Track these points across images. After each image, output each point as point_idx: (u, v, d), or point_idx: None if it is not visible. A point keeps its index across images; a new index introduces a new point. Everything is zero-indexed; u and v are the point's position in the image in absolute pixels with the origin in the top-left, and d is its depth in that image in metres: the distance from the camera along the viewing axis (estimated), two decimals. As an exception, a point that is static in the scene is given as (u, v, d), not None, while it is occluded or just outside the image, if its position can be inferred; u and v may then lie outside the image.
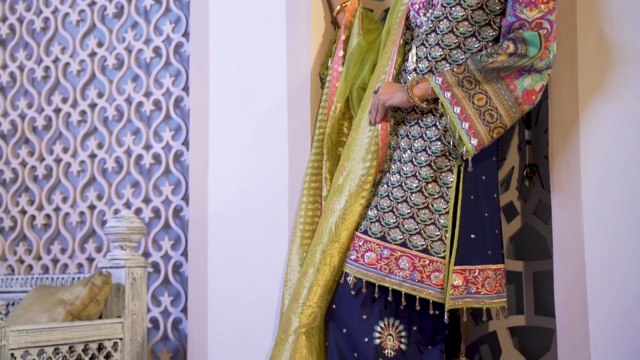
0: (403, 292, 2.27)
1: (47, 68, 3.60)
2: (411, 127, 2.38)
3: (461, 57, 2.33)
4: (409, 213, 2.30)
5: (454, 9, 2.33)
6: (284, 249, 2.71)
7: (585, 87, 2.32)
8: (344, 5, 2.73)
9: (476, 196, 2.32)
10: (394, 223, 2.31)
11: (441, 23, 2.35)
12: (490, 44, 2.32)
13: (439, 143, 2.31)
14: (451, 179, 2.30)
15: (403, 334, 2.34)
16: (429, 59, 2.37)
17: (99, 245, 3.42)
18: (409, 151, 2.35)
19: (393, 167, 2.37)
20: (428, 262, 2.27)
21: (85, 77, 3.49)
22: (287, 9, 2.84)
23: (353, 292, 2.34)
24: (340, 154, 2.61)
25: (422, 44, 2.39)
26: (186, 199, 3.19)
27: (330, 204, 2.44)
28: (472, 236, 2.29)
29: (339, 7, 2.74)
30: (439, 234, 2.29)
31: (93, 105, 3.48)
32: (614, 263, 2.25)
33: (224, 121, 2.97)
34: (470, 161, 2.26)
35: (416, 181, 2.31)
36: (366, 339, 2.31)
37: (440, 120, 2.32)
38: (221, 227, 2.92)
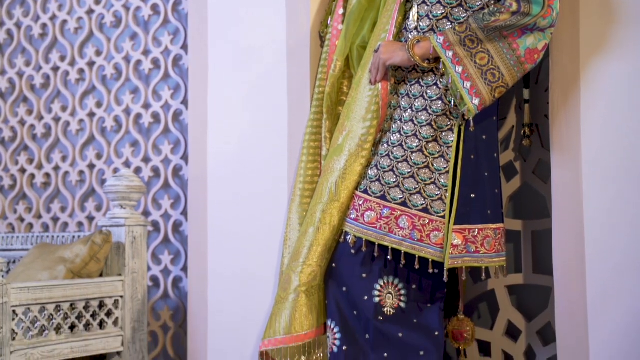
0: (403, 251, 2.29)
1: (44, 25, 3.57)
2: (412, 86, 2.37)
3: (463, 15, 2.31)
4: (409, 172, 2.30)
5: (455, -34, 2.30)
6: (283, 208, 2.72)
7: (586, 45, 2.31)
8: (344, -38, 2.69)
9: (476, 156, 2.32)
10: (394, 182, 2.31)
11: (443, -20, 2.32)
12: (492, 1, 2.30)
13: (440, 102, 2.31)
14: (452, 139, 2.30)
15: (402, 292, 2.36)
16: (430, 17, 2.35)
17: (98, 204, 3.42)
18: (409, 110, 2.35)
19: (393, 126, 2.37)
20: (428, 221, 2.28)
21: (83, 35, 3.47)
22: (286, -34, 2.81)
23: (353, 251, 2.35)
24: (340, 113, 2.60)
25: (424, 2, 2.36)
26: (185, 158, 3.19)
27: (330, 164, 2.44)
28: (472, 195, 2.29)
29: (339, -36, 2.71)
30: (439, 193, 2.29)
31: (91, 64, 3.45)
32: (612, 222, 2.26)
33: (223, 80, 2.95)
34: (472, 121, 2.26)
35: (417, 140, 2.31)
36: (366, 297, 2.33)
37: (441, 80, 2.31)
38: (221, 187, 2.92)
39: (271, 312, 2.40)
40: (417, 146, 2.31)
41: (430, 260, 2.28)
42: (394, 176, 2.31)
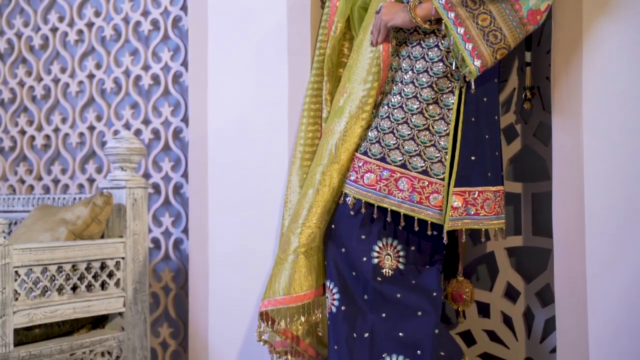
0: (402, 213, 2.29)
1: (42, -14, 3.55)
2: (413, 48, 2.35)
3: (465, -25, 2.28)
4: (409, 134, 2.30)
5: None
6: (283, 170, 2.73)
7: (590, 6, 2.29)
8: None
9: (477, 118, 2.31)
10: (394, 144, 2.31)
11: (445, -60, 2.30)
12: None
13: (441, 64, 2.30)
14: (452, 101, 2.29)
15: (401, 254, 2.37)
16: (432, -23, 2.32)
17: (99, 166, 3.43)
18: (410, 72, 2.34)
19: (394, 88, 2.36)
20: (427, 183, 2.28)
21: (81, -4, 3.45)
22: None
23: (352, 213, 2.35)
24: (341, 75, 2.59)
25: (425, -38, 2.34)
26: (186, 120, 3.19)
27: (331, 126, 2.43)
28: (472, 158, 2.29)
29: None
30: (438, 155, 2.29)
31: (90, 25, 3.43)
32: (612, 184, 2.26)
33: (223, 42, 2.94)
34: (473, 83, 2.25)
35: (417, 102, 2.30)
36: (364, 259, 2.34)
37: (442, 41, 2.29)
38: (221, 149, 2.92)
39: (271, 273, 2.41)
40: (417, 108, 2.30)
41: (429, 222, 2.28)
42: (394, 138, 2.31)
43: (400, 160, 2.30)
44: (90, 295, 2.66)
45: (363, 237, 2.35)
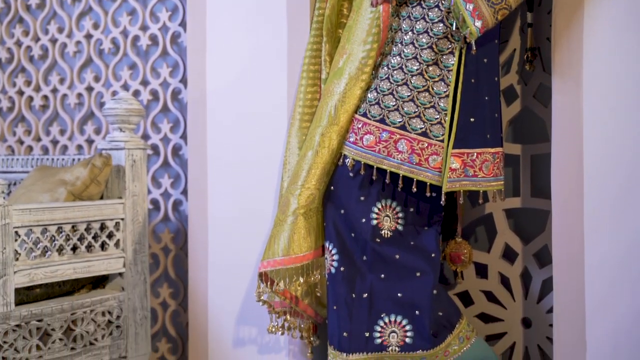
0: (401, 175, 2.30)
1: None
2: (413, 8, 2.33)
3: None
4: (408, 96, 2.29)
5: None
6: (283, 131, 2.72)
7: (592, -33, 2.27)
8: None
9: (477, 79, 2.30)
10: (393, 106, 2.30)
11: None
12: None
13: (441, 25, 2.28)
14: (452, 62, 2.28)
15: (400, 215, 2.38)
16: (433, -64, 2.30)
17: (97, 127, 3.42)
18: (410, 33, 2.32)
19: (394, 49, 2.35)
20: (426, 145, 2.28)
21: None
22: None
23: (351, 174, 2.36)
24: (340, 36, 2.57)
25: None
26: (184, 81, 3.17)
27: (330, 87, 2.42)
28: (472, 120, 2.29)
29: None
30: (438, 117, 2.28)
31: (87, -16, 3.40)
32: (612, 146, 2.26)
33: (221, 1, 2.91)
34: (473, 44, 2.23)
35: (417, 63, 2.29)
36: (363, 220, 2.35)
37: (443, 2, 2.27)
38: (220, 109, 2.91)
39: (270, 234, 2.42)
40: (417, 69, 2.29)
41: (428, 183, 2.29)
42: (394, 99, 2.30)
43: (399, 122, 2.30)
44: (90, 255, 2.67)
45: (362, 198, 2.35)
